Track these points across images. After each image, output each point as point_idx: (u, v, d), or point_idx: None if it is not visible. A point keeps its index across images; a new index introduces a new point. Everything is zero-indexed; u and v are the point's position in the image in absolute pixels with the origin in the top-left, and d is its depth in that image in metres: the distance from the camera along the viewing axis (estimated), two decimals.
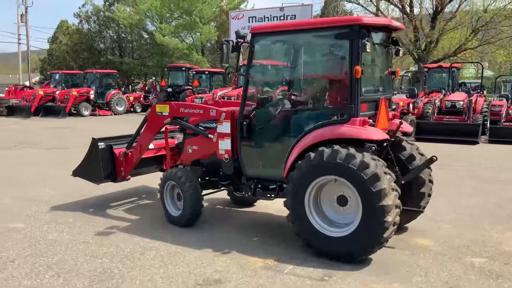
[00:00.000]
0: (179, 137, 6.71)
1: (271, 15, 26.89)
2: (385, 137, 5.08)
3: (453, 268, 4.81)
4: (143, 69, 44.04)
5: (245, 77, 5.74)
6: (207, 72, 26.84)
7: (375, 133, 4.89)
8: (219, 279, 4.52)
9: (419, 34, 27.07)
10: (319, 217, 5.04)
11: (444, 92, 18.11)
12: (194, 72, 27.46)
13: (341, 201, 5.00)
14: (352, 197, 4.86)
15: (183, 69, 28.16)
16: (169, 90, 26.05)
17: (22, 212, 6.77)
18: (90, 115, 25.73)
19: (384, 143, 5.32)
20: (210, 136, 6.01)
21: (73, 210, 6.87)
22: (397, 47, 5.58)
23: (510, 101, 18.10)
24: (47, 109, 25.19)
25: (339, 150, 4.73)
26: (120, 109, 27.06)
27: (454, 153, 12.68)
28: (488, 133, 16.10)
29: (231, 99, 15.94)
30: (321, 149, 4.83)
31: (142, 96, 30.50)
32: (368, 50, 4.87)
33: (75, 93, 25.61)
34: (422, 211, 5.64)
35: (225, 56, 5.73)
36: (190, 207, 5.94)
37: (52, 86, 28.20)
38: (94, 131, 10.34)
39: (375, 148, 5.08)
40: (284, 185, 5.35)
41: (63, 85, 27.55)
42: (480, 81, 22.06)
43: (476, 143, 14.49)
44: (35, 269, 4.72)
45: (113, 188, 7.92)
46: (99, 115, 26.03)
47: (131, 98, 29.14)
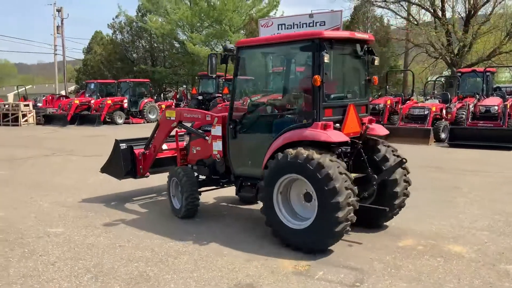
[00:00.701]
0: (186, 139, 7.42)
1: (300, 22, 26.75)
2: (344, 139, 5.44)
3: (487, 275, 4.75)
4: (175, 78, 44.80)
5: (232, 85, 6.44)
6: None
7: (333, 136, 5.32)
8: (251, 283, 4.60)
9: (452, 38, 26.62)
10: (286, 210, 5.57)
11: (478, 97, 17.77)
12: (224, 80, 27.76)
13: (307, 197, 5.46)
14: (313, 194, 5.27)
15: (213, 77, 28.48)
16: (200, 97, 26.41)
17: (61, 216, 7.03)
18: (123, 123, 26.36)
19: (356, 145, 5.82)
20: (206, 138, 6.73)
21: (110, 215, 7.10)
22: (372, 57, 5.98)
23: None
24: (83, 117, 25.95)
25: (301, 151, 5.20)
26: (152, 117, 27.57)
27: (487, 158, 12.43)
28: None
29: None
30: (287, 151, 5.35)
31: (173, 104, 31.00)
32: (326, 61, 5.28)
33: (109, 102, 26.29)
34: (386, 209, 5.80)
35: (213, 67, 6.38)
36: (186, 199, 6.65)
37: (87, 95, 29.05)
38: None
39: (342, 150, 5.63)
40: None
41: (98, 94, 28.34)
42: None
43: (511, 148, 14.13)
44: (74, 272, 4.90)
45: (147, 195, 8.14)
46: (132, 123, 26.61)
47: (163, 106, 29.68)
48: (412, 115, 17.05)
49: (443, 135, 15.92)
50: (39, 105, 30.04)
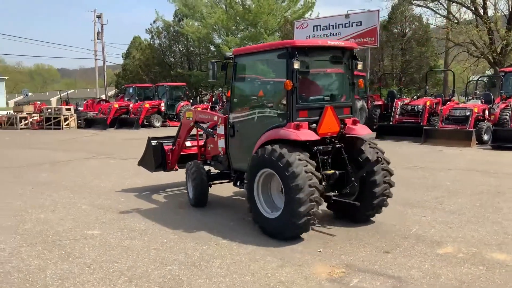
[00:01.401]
0: (204, 137, 8.34)
1: (336, 23, 26.47)
2: (314, 138, 5.89)
3: None
4: (210, 81, 45.15)
5: (231, 89, 7.20)
6: (271, 82, 27.00)
7: (302, 135, 5.79)
8: None
9: (494, 36, 25.70)
10: (264, 200, 6.18)
11: None
12: (259, 82, 27.76)
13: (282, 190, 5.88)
14: (283, 188, 5.75)
15: (248, 79, 28.53)
16: None
17: (98, 219, 7.16)
18: (161, 126, 26.81)
19: (334, 144, 6.28)
20: (214, 136, 7.60)
21: (145, 217, 7.18)
22: (355, 62, 6.43)
23: None
24: (122, 121, 26.59)
25: (275, 149, 5.74)
26: None
27: None
28: None
29: None
30: (264, 147, 5.94)
31: (209, 107, 31.25)
32: (296, 67, 5.77)
33: (147, 105, 26.82)
34: (357, 204, 6.19)
35: (214, 74, 7.26)
36: (195, 189, 7.59)
37: (126, 99, 29.74)
38: None
39: (318, 148, 6.07)
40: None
41: (136, 98, 28.95)
42: None
43: None
44: (109, 275, 4.96)
45: (183, 198, 8.18)
46: (170, 126, 26.98)
47: (199, 109, 29.93)
48: (453, 116, 16.53)
49: (485, 137, 15.37)
50: (80, 109, 30.93)
